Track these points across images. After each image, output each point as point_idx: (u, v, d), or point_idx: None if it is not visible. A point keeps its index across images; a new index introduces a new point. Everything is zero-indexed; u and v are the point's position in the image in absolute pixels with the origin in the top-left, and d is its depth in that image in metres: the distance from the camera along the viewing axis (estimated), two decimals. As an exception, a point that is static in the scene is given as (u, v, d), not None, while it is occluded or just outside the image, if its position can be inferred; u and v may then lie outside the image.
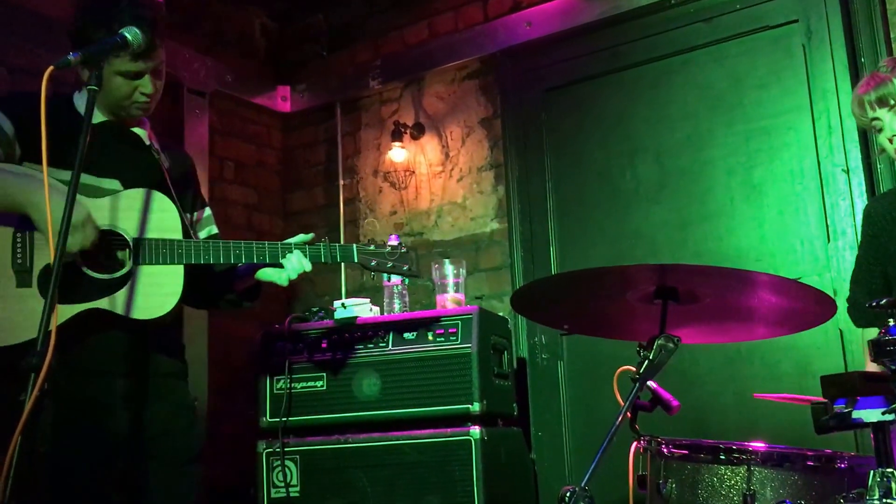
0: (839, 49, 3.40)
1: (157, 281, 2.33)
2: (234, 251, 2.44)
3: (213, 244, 2.42)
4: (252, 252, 2.47)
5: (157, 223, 2.37)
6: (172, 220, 2.40)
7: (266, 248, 2.49)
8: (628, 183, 3.84)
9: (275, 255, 2.49)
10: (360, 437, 3.21)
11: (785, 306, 2.02)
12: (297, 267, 2.51)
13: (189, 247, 2.37)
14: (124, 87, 2.38)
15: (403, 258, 2.67)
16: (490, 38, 4.21)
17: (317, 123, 4.80)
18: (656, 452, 2.04)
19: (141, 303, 2.30)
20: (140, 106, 2.43)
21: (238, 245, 2.45)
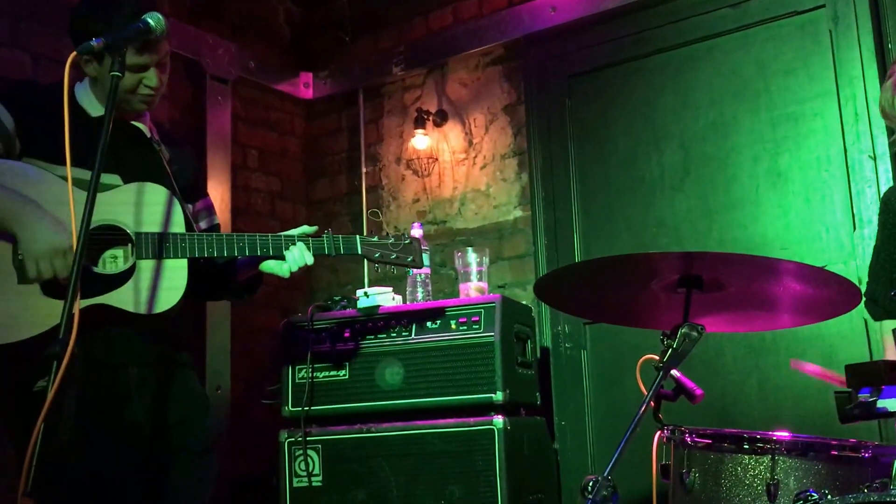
0: (866, 35, 3.35)
1: (162, 275, 2.33)
2: (237, 244, 2.43)
3: (217, 237, 2.42)
4: (255, 244, 2.46)
5: (160, 217, 2.36)
6: (175, 214, 2.39)
7: (269, 241, 2.48)
8: (653, 170, 3.81)
9: (278, 248, 2.48)
10: (383, 426, 3.21)
11: (810, 295, 2.00)
12: (298, 259, 2.49)
13: (192, 240, 2.37)
14: (129, 80, 2.35)
15: (407, 249, 2.67)
16: (514, 24, 4.18)
17: (339, 111, 4.80)
18: (679, 442, 2.03)
19: (146, 297, 2.30)
20: (144, 99, 2.42)
21: (241, 237, 2.44)
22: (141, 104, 2.44)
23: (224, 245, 2.41)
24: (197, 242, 2.38)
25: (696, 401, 2.12)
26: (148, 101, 2.44)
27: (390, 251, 2.64)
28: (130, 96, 2.40)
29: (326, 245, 2.56)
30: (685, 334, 1.89)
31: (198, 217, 2.65)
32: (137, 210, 2.34)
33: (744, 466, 1.95)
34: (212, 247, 2.39)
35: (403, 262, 2.67)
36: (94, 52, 2.12)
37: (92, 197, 1.96)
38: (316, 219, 4.75)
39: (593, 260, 2.26)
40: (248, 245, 2.45)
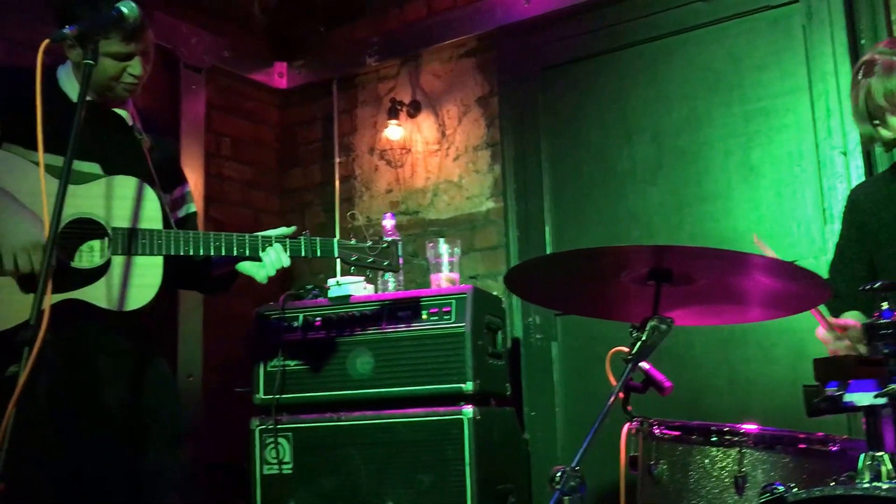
0: (839, 31, 3.37)
1: (136, 272, 2.32)
2: (213, 243, 2.42)
3: (193, 235, 2.40)
4: (232, 244, 2.45)
5: (137, 212, 2.35)
6: (153, 210, 2.38)
7: (246, 241, 2.47)
8: (625, 163, 3.82)
9: (255, 248, 2.48)
10: (354, 415, 3.21)
11: (779, 289, 2.01)
12: (275, 262, 2.50)
13: (169, 238, 2.36)
14: (112, 68, 2.36)
15: (384, 253, 2.71)
16: (488, 16, 4.17)
17: (313, 100, 4.77)
18: (648, 434, 2.04)
19: (119, 294, 2.29)
20: (127, 87, 2.41)
21: (218, 237, 2.43)
22: (124, 92, 2.43)
23: (200, 244, 2.40)
24: (173, 240, 2.36)
25: (665, 393, 2.13)
26: (131, 89, 2.43)
27: (367, 255, 2.67)
28: (114, 83, 2.39)
29: (303, 247, 2.57)
30: (654, 327, 1.90)
31: (176, 205, 2.63)
32: (112, 203, 2.32)
33: (712, 459, 1.96)
34: (188, 245, 2.38)
35: (380, 266, 2.71)
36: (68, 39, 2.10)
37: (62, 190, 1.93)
38: (289, 208, 4.74)
39: (563, 252, 2.27)
40: (224, 245, 2.44)
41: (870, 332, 1.56)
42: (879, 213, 2.50)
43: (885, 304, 1.57)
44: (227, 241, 2.45)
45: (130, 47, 2.35)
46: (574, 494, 1.67)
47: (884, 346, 1.56)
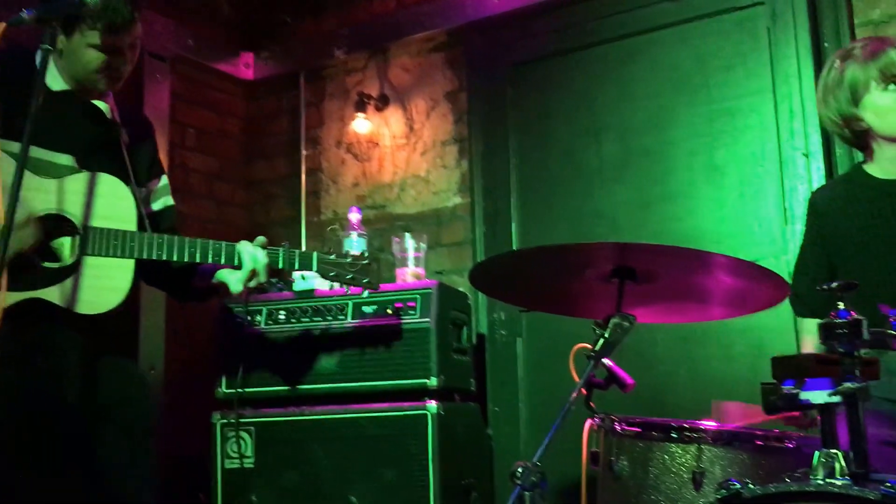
0: (803, 34, 3.41)
1: (105, 274, 2.26)
2: (188, 249, 2.36)
3: (168, 239, 2.34)
4: (207, 251, 2.38)
5: (111, 211, 2.29)
6: (127, 210, 2.32)
7: (222, 248, 2.41)
8: (592, 161, 3.84)
9: (230, 257, 2.41)
10: (317, 409, 3.20)
11: (740, 288, 2.04)
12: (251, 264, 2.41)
13: (142, 240, 2.30)
14: (96, 60, 2.31)
15: (365, 270, 2.62)
16: (458, 11, 4.16)
17: (280, 92, 4.73)
18: (609, 430, 2.06)
19: (86, 296, 2.23)
20: (110, 80, 2.37)
21: (193, 243, 2.37)
22: (106, 85, 2.37)
23: (175, 248, 2.34)
24: (147, 243, 2.30)
25: (626, 390, 2.15)
26: (113, 81, 2.38)
27: (347, 270, 2.60)
28: (96, 76, 2.33)
29: (281, 258, 2.49)
30: (617, 324, 1.91)
31: (152, 198, 2.57)
32: (89, 201, 2.26)
33: (671, 455, 1.99)
34: (161, 249, 2.32)
35: (359, 283, 2.62)
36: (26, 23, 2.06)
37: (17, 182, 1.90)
38: (254, 200, 4.70)
39: (527, 249, 2.29)
40: (199, 251, 2.37)
41: (826, 331, 1.59)
42: (837, 217, 2.54)
43: (841, 304, 1.59)
44: (202, 247, 2.38)
45: (116, 40, 2.29)
46: (535, 490, 1.68)
47: (839, 346, 1.58)
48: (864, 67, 2.43)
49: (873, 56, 2.42)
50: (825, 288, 1.62)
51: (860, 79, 2.44)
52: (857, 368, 1.59)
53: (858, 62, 2.45)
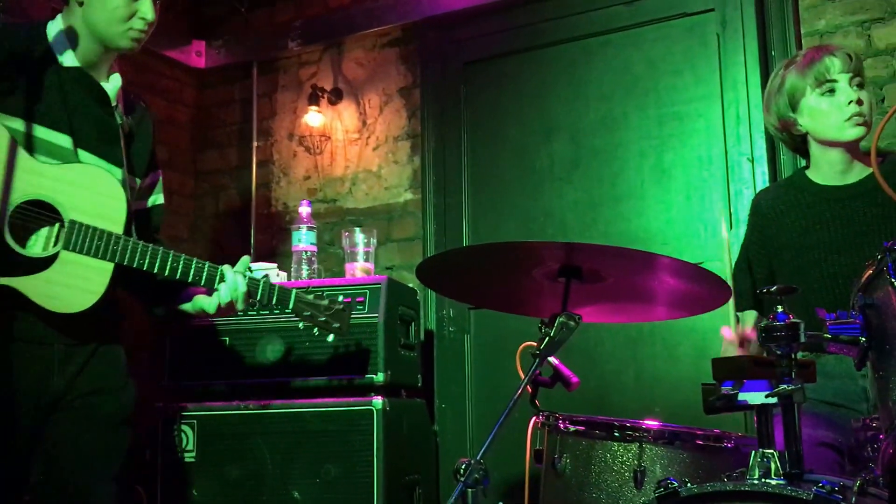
0: (751, 41, 3.47)
1: (82, 273, 2.17)
2: (171, 263, 2.28)
3: (152, 249, 2.26)
4: (189, 269, 2.31)
5: (100, 209, 2.20)
6: (117, 211, 2.23)
7: (205, 269, 2.33)
8: (543, 161, 3.86)
9: (211, 279, 2.34)
10: (261, 403, 3.17)
11: (684, 289, 2.07)
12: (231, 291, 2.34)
13: (126, 246, 2.21)
14: (122, 8, 2.24)
15: (337, 316, 2.56)
16: (413, 6, 4.16)
17: (232, 82, 4.68)
18: (553, 428, 2.08)
19: (58, 293, 2.15)
20: (135, 35, 2.29)
21: (178, 258, 2.29)
22: (129, 41, 2.30)
23: (157, 261, 2.26)
24: (130, 249, 2.22)
25: (571, 388, 2.17)
26: (138, 37, 2.30)
27: (320, 313, 2.53)
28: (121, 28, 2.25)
29: (261, 290, 2.42)
30: (562, 323, 1.93)
31: (144, 193, 2.51)
32: (80, 194, 2.17)
33: (613, 453, 2.01)
34: (144, 258, 2.24)
35: (329, 328, 2.55)
36: None
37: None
38: (203, 191, 4.65)
39: (475, 246, 2.29)
40: (181, 268, 2.29)
41: (764, 333, 1.62)
42: (779, 219, 2.59)
43: (779, 307, 1.62)
44: (185, 264, 2.30)
45: None
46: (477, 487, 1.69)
47: (777, 348, 1.61)
48: (802, 73, 2.51)
49: (811, 63, 2.50)
50: (765, 291, 1.65)
51: (798, 85, 2.52)
52: (793, 371, 1.62)
53: (798, 69, 2.53)
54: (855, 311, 1.70)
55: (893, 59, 3.28)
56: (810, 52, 2.56)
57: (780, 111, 2.58)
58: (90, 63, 2.31)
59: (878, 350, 1.66)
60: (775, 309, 1.62)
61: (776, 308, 1.62)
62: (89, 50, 2.29)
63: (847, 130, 2.48)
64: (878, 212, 2.45)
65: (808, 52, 2.56)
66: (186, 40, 4.62)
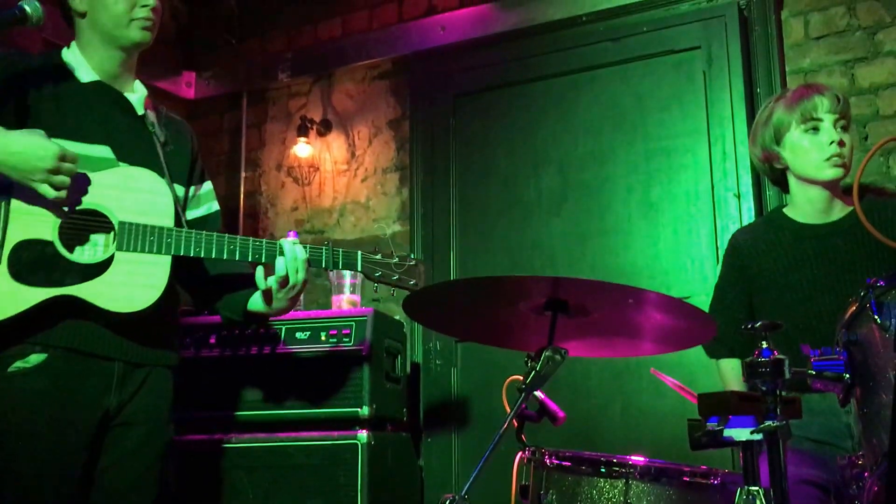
0: (737, 78, 3.51)
1: (141, 270, 2.16)
2: (228, 245, 2.26)
3: (207, 236, 2.24)
4: (248, 248, 2.28)
5: (148, 207, 2.21)
6: (165, 206, 2.24)
7: (263, 246, 2.29)
8: (531, 194, 3.88)
9: (271, 255, 2.29)
10: (245, 437, 3.14)
11: (670, 324, 2.07)
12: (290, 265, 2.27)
13: (179, 236, 2.21)
14: (123, 2, 2.27)
15: (411, 271, 2.44)
16: (403, 40, 4.20)
17: (221, 112, 4.70)
18: (539, 463, 2.07)
19: (120, 293, 2.14)
20: (143, 24, 2.30)
21: (233, 239, 2.27)
22: (140, 32, 2.31)
23: (214, 245, 2.24)
24: (184, 239, 2.21)
25: (558, 423, 2.16)
26: (147, 25, 2.31)
27: (393, 271, 2.43)
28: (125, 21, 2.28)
29: (325, 257, 2.35)
30: (548, 357, 1.92)
31: (192, 203, 2.50)
32: (125, 196, 2.18)
33: (599, 489, 1.99)
34: (199, 245, 2.22)
35: (405, 285, 2.43)
36: None
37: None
38: (191, 221, 4.64)
39: (461, 280, 2.29)
40: (239, 248, 2.27)
41: (749, 370, 1.62)
42: (759, 259, 2.61)
43: (764, 343, 1.62)
44: (242, 245, 2.27)
45: None
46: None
47: (762, 384, 1.61)
48: (790, 109, 2.54)
49: (799, 99, 2.54)
50: (749, 328, 1.65)
51: (784, 119, 2.55)
52: (778, 407, 1.61)
53: (786, 104, 2.56)
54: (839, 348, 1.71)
55: (876, 98, 3.32)
56: (801, 88, 2.59)
57: (765, 143, 2.61)
58: (110, 74, 2.33)
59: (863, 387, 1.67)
60: (760, 345, 1.62)
61: (761, 344, 1.62)
62: (105, 59, 2.32)
63: (825, 170, 2.51)
64: (859, 249, 2.47)
65: (798, 89, 2.60)
66: (177, 71, 4.64)
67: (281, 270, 2.28)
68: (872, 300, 1.62)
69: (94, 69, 2.31)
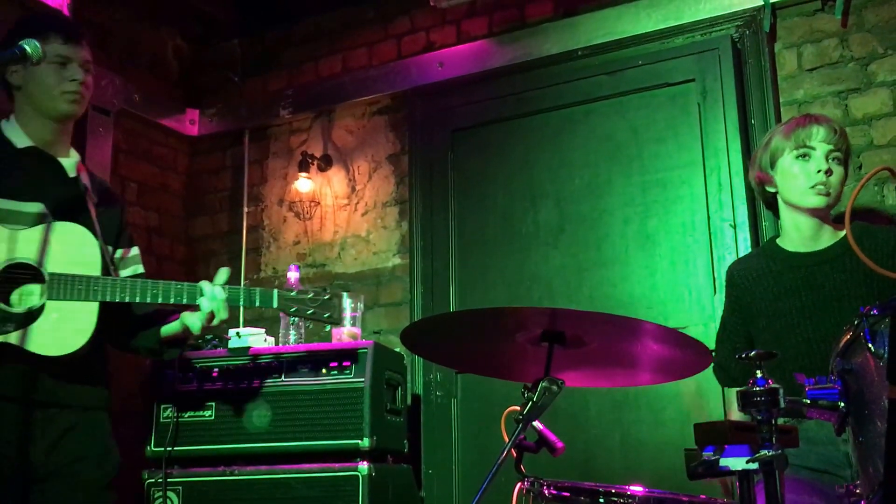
0: (731, 110, 3.55)
1: (70, 317, 2.29)
2: (151, 290, 2.39)
3: (131, 282, 2.38)
4: (170, 291, 2.41)
5: (76, 257, 2.33)
6: (92, 256, 2.36)
7: (184, 289, 2.44)
8: (529, 226, 3.91)
9: (192, 296, 2.44)
10: (247, 469, 3.15)
11: (666, 355, 2.08)
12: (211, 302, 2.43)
13: (105, 284, 2.33)
14: (52, 75, 2.39)
15: (326, 305, 2.62)
16: (402, 76, 4.26)
17: (224, 149, 4.75)
18: (538, 494, 2.07)
19: (50, 339, 2.25)
20: (71, 97, 2.42)
21: (156, 284, 2.40)
22: (68, 104, 2.43)
23: (137, 291, 2.37)
24: (110, 286, 2.33)
25: (556, 454, 2.16)
26: (75, 98, 2.44)
27: (307, 306, 2.60)
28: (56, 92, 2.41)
29: (242, 296, 2.53)
30: (545, 388, 1.94)
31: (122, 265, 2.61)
32: (54, 248, 2.30)
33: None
34: (124, 292, 2.35)
35: (320, 318, 2.62)
36: None
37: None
38: (193, 256, 4.67)
39: (459, 311, 2.31)
40: (161, 292, 2.40)
41: (744, 399, 1.63)
42: (752, 289, 2.64)
43: (759, 372, 1.64)
44: (164, 288, 2.41)
45: (67, 49, 2.41)
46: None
47: (757, 413, 1.62)
48: (786, 135, 2.59)
49: (796, 127, 2.59)
50: (744, 357, 1.67)
51: (780, 145, 2.60)
52: (774, 436, 1.63)
53: (785, 129, 2.62)
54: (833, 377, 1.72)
55: (870, 129, 3.36)
56: (802, 117, 2.64)
57: (762, 165, 2.66)
58: (45, 141, 2.47)
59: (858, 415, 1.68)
60: (754, 374, 1.63)
61: (755, 373, 1.63)
62: (40, 127, 2.46)
63: (809, 198, 2.55)
64: (846, 277, 2.50)
65: (800, 117, 2.65)
66: (180, 109, 4.71)
67: (206, 308, 2.44)
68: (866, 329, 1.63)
69: (28, 137, 2.45)
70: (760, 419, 1.62)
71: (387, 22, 4.42)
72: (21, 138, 2.44)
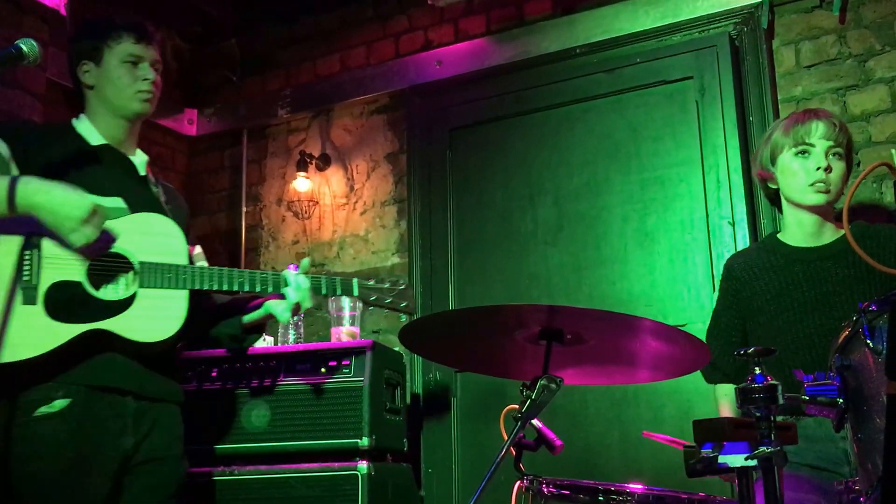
0: (729, 107, 3.55)
1: (162, 304, 2.33)
2: (237, 279, 2.45)
3: (218, 271, 2.43)
4: (255, 280, 2.48)
5: (163, 247, 2.38)
6: (178, 246, 2.42)
7: (269, 278, 2.50)
8: (527, 224, 3.91)
9: (277, 285, 2.49)
10: (247, 469, 3.14)
11: (664, 352, 2.08)
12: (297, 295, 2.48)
13: (193, 272, 2.39)
14: (125, 75, 2.47)
15: (402, 295, 2.67)
16: (400, 75, 4.26)
17: (222, 149, 4.75)
18: (537, 492, 2.07)
19: (145, 326, 2.31)
20: (143, 96, 2.49)
21: (242, 273, 2.46)
22: (140, 103, 2.50)
23: (225, 279, 2.43)
24: (198, 275, 2.39)
25: (555, 451, 2.17)
26: (147, 97, 2.51)
27: (385, 295, 2.65)
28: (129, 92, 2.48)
29: (324, 285, 2.56)
30: (544, 386, 1.94)
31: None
32: (142, 239, 2.36)
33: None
34: (212, 280, 2.41)
35: (396, 307, 2.67)
36: None
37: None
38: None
39: (456, 310, 2.30)
40: (248, 280, 2.46)
41: (742, 396, 1.63)
42: (752, 283, 2.63)
43: (757, 369, 1.63)
44: (250, 277, 2.47)
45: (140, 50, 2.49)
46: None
47: (755, 410, 1.62)
48: (786, 131, 2.58)
49: (796, 123, 2.58)
50: (742, 353, 1.67)
51: (779, 141, 2.59)
52: (772, 433, 1.62)
53: (785, 125, 2.61)
54: (832, 373, 1.72)
55: (868, 125, 3.36)
56: (802, 112, 2.64)
57: (763, 162, 2.66)
58: (116, 139, 2.52)
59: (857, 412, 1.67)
60: (753, 371, 1.63)
61: (754, 370, 1.63)
62: (112, 126, 2.52)
63: (808, 195, 2.54)
64: (848, 272, 2.49)
65: (800, 112, 2.64)
66: (179, 109, 4.71)
67: (293, 299, 2.48)
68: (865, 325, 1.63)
69: (101, 135, 2.50)
70: (759, 416, 1.62)
71: (385, 21, 4.42)
72: (95, 136, 2.48)
